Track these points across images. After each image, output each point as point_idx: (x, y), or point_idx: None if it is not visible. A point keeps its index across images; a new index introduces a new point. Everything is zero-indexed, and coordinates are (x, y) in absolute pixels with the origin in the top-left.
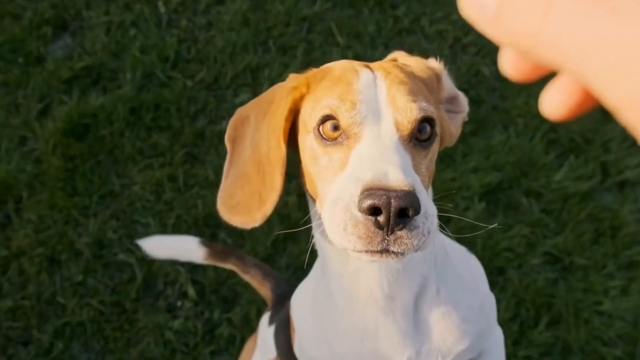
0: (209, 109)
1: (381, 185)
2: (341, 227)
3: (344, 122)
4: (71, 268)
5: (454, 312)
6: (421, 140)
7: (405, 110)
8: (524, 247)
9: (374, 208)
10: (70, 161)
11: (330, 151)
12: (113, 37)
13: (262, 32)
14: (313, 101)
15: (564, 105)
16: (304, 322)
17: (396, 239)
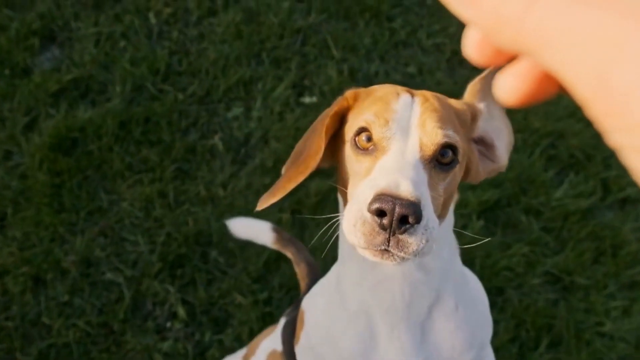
0: (200, 123)
1: (391, 193)
2: (352, 223)
3: (375, 135)
4: (57, 287)
5: (465, 327)
6: (442, 164)
7: (431, 134)
8: (524, 266)
9: (380, 211)
10: (57, 176)
11: (362, 159)
12: (102, 48)
13: (255, 45)
14: (356, 114)
15: (518, 91)
16: (314, 319)
17: (397, 242)
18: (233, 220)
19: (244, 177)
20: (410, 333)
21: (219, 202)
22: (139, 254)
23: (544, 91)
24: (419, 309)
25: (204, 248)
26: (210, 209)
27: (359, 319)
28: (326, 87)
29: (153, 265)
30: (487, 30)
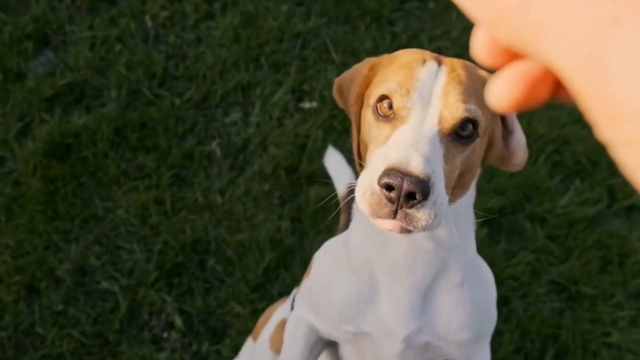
0: (197, 128)
1: (400, 169)
2: (362, 192)
3: (396, 104)
4: (51, 296)
5: (468, 306)
6: (461, 137)
7: (452, 107)
8: (529, 275)
9: (389, 185)
10: (51, 183)
11: (381, 126)
12: (97, 52)
13: (253, 49)
14: (379, 81)
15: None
16: (319, 268)
17: (405, 216)
18: (332, 150)
19: (242, 183)
20: (410, 298)
21: (216, 209)
22: (134, 263)
23: (535, 96)
24: (423, 277)
25: (202, 256)
26: (207, 216)
27: (361, 274)
28: (326, 92)
29: (149, 273)
30: (487, 23)
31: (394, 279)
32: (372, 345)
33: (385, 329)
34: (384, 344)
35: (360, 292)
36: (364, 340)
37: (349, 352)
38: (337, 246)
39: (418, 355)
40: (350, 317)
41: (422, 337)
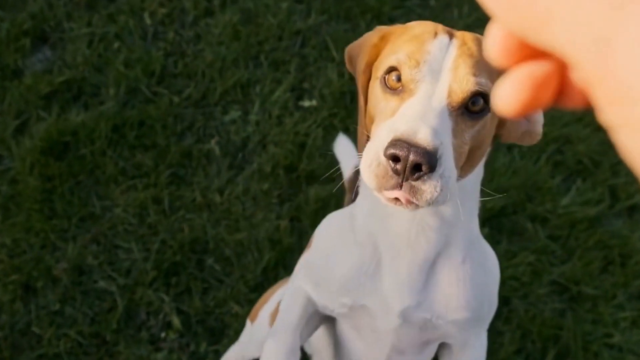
0: (196, 126)
1: (408, 140)
2: (367, 164)
3: (404, 77)
4: (48, 296)
5: (469, 284)
6: (472, 112)
7: (462, 80)
8: (530, 275)
9: (395, 156)
10: (48, 181)
11: (389, 99)
12: (95, 50)
13: (253, 46)
14: (388, 52)
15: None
16: (321, 240)
17: (410, 188)
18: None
19: (241, 182)
20: (411, 274)
21: (215, 209)
22: (132, 262)
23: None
24: (425, 253)
25: (200, 256)
26: (206, 215)
27: (364, 247)
28: (326, 90)
29: (147, 273)
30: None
31: (396, 255)
32: (369, 320)
33: (384, 303)
34: (381, 318)
35: (363, 265)
36: (361, 314)
37: (346, 329)
38: (340, 219)
39: (415, 335)
40: (350, 289)
41: (420, 313)
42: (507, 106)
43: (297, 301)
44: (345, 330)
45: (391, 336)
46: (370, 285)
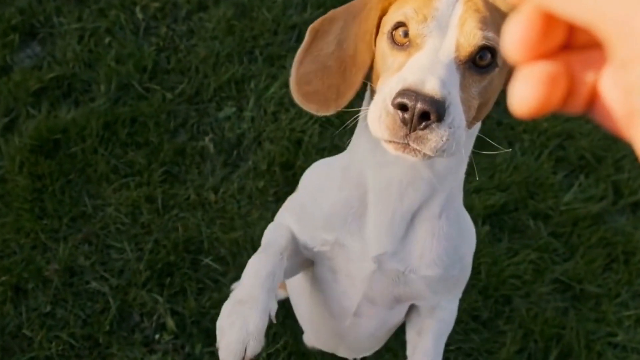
0: (190, 123)
1: (416, 89)
2: (377, 115)
3: (412, 31)
4: (39, 297)
5: (443, 240)
6: (479, 66)
7: (469, 34)
8: (532, 273)
9: (403, 105)
10: (38, 180)
11: (396, 54)
12: (86, 45)
13: (247, 41)
14: (397, 7)
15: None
16: (310, 177)
17: (417, 137)
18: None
19: (236, 180)
20: (393, 222)
21: (209, 207)
22: (125, 262)
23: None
24: (411, 203)
25: (194, 255)
26: (200, 214)
27: (351, 189)
28: None
29: (140, 273)
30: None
31: (383, 201)
32: (346, 263)
33: (362, 246)
34: (357, 262)
35: (348, 205)
36: (339, 255)
37: (323, 272)
38: (329, 163)
39: (387, 287)
40: (333, 226)
41: (394, 263)
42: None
43: (281, 232)
44: (322, 275)
45: (364, 284)
46: (353, 226)
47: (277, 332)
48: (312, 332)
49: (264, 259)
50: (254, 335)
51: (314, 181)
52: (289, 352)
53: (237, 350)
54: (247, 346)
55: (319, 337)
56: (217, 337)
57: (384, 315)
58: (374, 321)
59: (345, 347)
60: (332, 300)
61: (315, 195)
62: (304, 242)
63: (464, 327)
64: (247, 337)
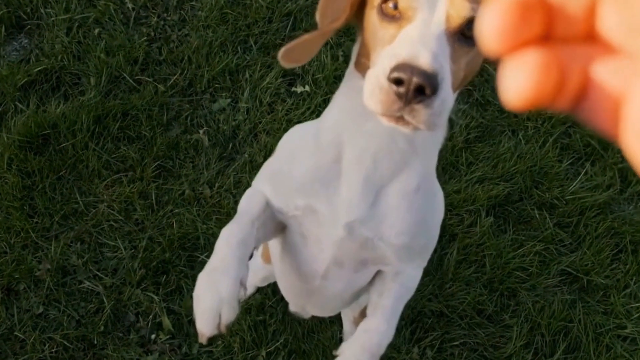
0: (183, 116)
1: (410, 63)
2: (370, 91)
3: (402, 3)
4: (30, 298)
5: (415, 212)
6: (468, 37)
7: (459, 6)
8: (537, 265)
9: (398, 80)
10: (27, 178)
11: (386, 26)
12: (74, 37)
13: (241, 30)
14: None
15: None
16: (283, 147)
17: (411, 111)
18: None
19: (232, 174)
20: (365, 190)
21: (205, 202)
22: (119, 261)
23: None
24: (383, 173)
25: (190, 252)
26: (196, 209)
27: (326, 154)
28: (319, 75)
29: (135, 272)
30: None
31: (358, 169)
32: (317, 228)
33: (334, 213)
34: (328, 227)
35: (322, 170)
36: (311, 221)
37: (295, 237)
38: (305, 128)
39: (355, 251)
40: (306, 191)
41: (364, 230)
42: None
43: (256, 199)
44: (293, 239)
45: (333, 248)
46: (325, 192)
47: (276, 329)
48: (283, 290)
49: (236, 228)
50: (226, 303)
51: (289, 146)
52: (289, 349)
53: (212, 318)
54: (221, 313)
55: (289, 295)
56: (193, 307)
57: (351, 277)
58: (340, 283)
59: (313, 306)
60: (301, 264)
61: (289, 160)
62: (278, 207)
63: (468, 321)
64: (220, 305)
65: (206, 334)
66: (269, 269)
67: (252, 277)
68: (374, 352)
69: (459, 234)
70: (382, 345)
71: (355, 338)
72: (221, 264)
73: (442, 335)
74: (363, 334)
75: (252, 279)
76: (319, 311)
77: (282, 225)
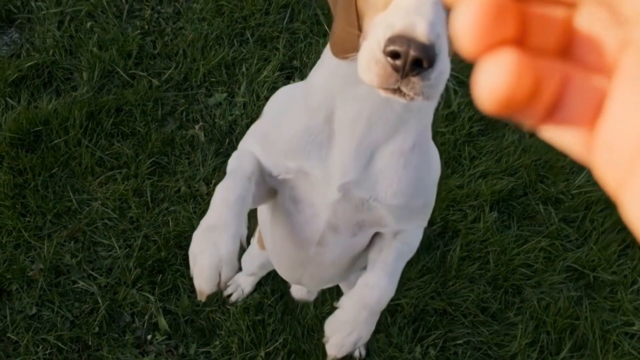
0: (178, 111)
1: (406, 35)
2: (365, 64)
3: None
4: (23, 299)
5: (412, 171)
6: None
7: None
8: (543, 262)
9: (395, 53)
10: (19, 175)
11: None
12: (66, 30)
13: (238, 22)
14: None
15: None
16: (271, 108)
17: (408, 83)
18: None
19: None
20: (358, 151)
21: (201, 200)
22: (113, 260)
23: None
24: (377, 135)
25: (186, 251)
26: (192, 207)
27: (315, 115)
28: None
29: (130, 271)
30: None
31: (350, 130)
32: (310, 191)
33: (327, 174)
34: (321, 190)
35: (312, 131)
36: (303, 184)
37: (286, 202)
38: (293, 88)
39: (351, 214)
40: (296, 153)
41: (359, 191)
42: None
43: (247, 157)
44: (285, 206)
45: (328, 212)
46: (317, 154)
47: (275, 329)
48: (278, 264)
49: (232, 185)
50: (226, 260)
51: (277, 107)
52: (288, 350)
53: (211, 276)
54: (220, 271)
55: (282, 267)
56: (190, 265)
57: (347, 242)
58: (337, 249)
59: (308, 277)
60: (295, 231)
61: (278, 121)
62: (268, 170)
63: (472, 319)
64: (219, 263)
65: (205, 291)
66: (265, 256)
67: (249, 264)
68: (374, 308)
69: (462, 230)
70: (382, 301)
71: (355, 292)
72: (219, 221)
73: (445, 333)
74: (363, 288)
75: (249, 265)
76: (316, 282)
77: (272, 191)
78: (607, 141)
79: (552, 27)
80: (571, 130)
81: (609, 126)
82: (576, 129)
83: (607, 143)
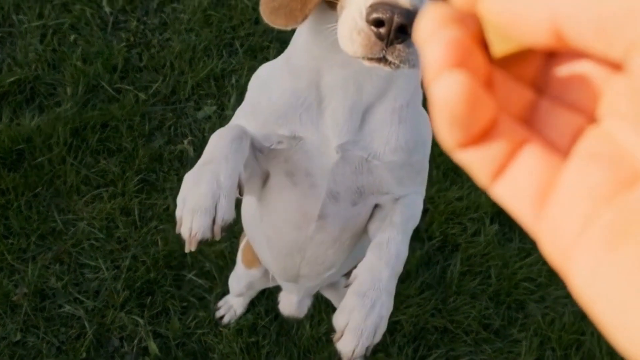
0: (166, 125)
1: (389, 1)
2: (347, 34)
3: None
4: (7, 325)
5: (409, 126)
6: None
7: None
8: (546, 275)
9: (379, 20)
10: (1, 196)
11: None
12: (49, 44)
13: (226, 32)
14: None
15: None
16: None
17: (394, 51)
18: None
19: None
20: (352, 114)
21: None
22: (101, 282)
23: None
24: (369, 96)
25: (177, 271)
26: None
27: (301, 80)
28: None
29: (118, 294)
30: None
31: (339, 93)
32: (305, 159)
33: (322, 138)
34: (318, 155)
35: (299, 94)
36: (298, 152)
37: (281, 180)
38: (274, 61)
39: (350, 180)
40: (287, 118)
41: (357, 151)
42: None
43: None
44: (279, 183)
45: (327, 178)
46: (308, 118)
47: (270, 351)
48: (272, 260)
49: (227, 130)
50: (225, 190)
51: (260, 79)
52: None
53: (208, 209)
54: (217, 203)
55: (278, 259)
56: (177, 212)
57: (348, 213)
58: (338, 221)
59: (307, 265)
60: (293, 209)
61: (263, 91)
62: (259, 144)
63: (474, 337)
64: (217, 191)
65: (198, 232)
66: (252, 274)
67: (236, 285)
68: (394, 265)
69: (462, 244)
70: (400, 257)
71: (368, 257)
72: (215, 155)
73: (446, 352)
74: (377, 248)
75: (236, 286)
76: (316, 271)
77: (264, 175)
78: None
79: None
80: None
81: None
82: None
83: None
